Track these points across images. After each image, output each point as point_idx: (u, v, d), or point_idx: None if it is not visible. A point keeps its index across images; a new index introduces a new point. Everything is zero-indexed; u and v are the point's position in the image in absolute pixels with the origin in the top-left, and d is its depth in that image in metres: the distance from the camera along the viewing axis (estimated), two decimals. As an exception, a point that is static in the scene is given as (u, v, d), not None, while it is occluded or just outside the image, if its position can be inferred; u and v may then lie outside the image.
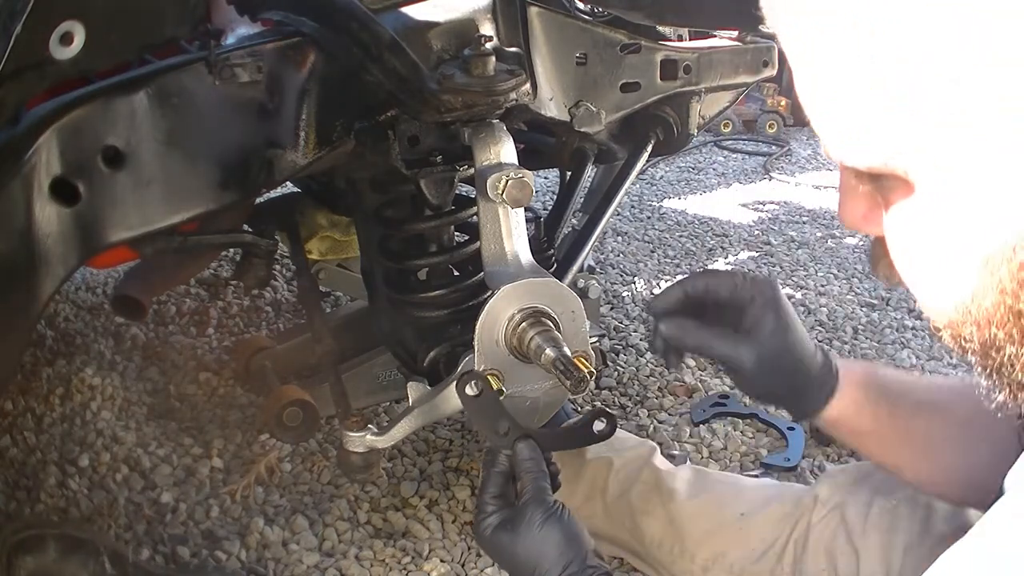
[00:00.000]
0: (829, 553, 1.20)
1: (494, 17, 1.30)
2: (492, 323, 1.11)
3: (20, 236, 0.95)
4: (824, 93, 0.55)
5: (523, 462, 1.04)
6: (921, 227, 0.56)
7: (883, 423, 1.04)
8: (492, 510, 1.02)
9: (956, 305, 0.57)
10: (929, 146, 0.51)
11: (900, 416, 1.05)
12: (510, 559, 0.99)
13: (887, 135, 0.52)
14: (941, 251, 0.56)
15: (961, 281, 0.56)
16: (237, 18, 1.18)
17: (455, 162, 1.24)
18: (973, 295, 0.55)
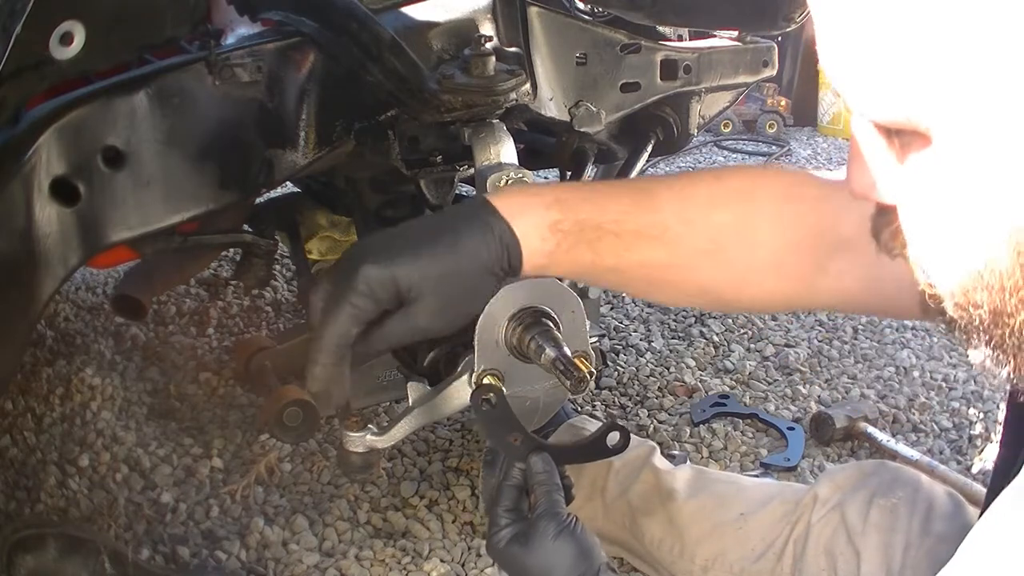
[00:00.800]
0: (829, 553, 1.20)
1: (494, 17, 1.30)
2: (492, 323, 1.11)
3: (20, 236, 0.95)
4: (850, 45, 0.54)
5: (537, 475, 1.03)
6: (939, 187, 0.55)
7: (591, 265, 0.95)
8: (505, 523, 1.01)
9: (970, 270, 0.56)
10: (954, 102, 0.50)
11: (607, 251, 0.94)
12: (522, 572, 0.98)
13: (913, 88, 0.52)
14: (958, 212, 0.55)
15: (977, 243, 0.54)
16: (237, 18, 1.18)
17: (455, 162, 1.24)
18: (988, 259, 0.54)
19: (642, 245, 0.94)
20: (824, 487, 1.27)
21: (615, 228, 0.93)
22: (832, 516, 1.22)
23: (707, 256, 0.94)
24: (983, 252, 0.54)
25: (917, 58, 0.50)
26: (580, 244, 0.93)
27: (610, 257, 0.94)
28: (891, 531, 1.16)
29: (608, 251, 0.93)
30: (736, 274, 0.95)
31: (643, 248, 0.94)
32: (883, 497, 1.19)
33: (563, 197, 0.93)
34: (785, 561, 1.24)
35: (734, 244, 0.93)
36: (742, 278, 0.96)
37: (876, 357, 2.19)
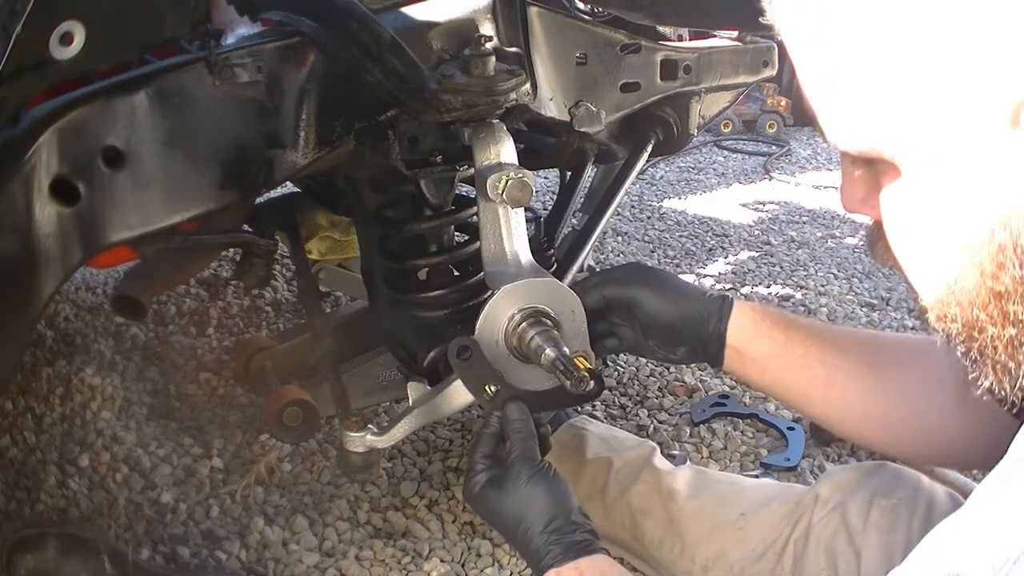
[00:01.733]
0: (830, 553, 1.19)
1: (494, 17, 1.30)
2: (492, 323, 1.12)
3: (20, 236, 0.95)
4: (820, 81, 0.61)
5: (512, 422, 1.06)
6: (909, 209, 0.61)
7: (781, 345, 1.09)
8: (481, 468, 1.04)
9: (942, 286, 0.60)
10: (912, 134, 0.56)
11: (797, 339, 1.10)
12: (497, 515, 1.01)
13: (875, 122, 0.58)
14: (927, 232, 0.60)
15: (946, 262, 0.59)
16: (237, 18, 1.18)
17: (455, 162, 1.23)
18: (956, 276, 0.59)
19: (829, 349, 1.08)
20: (825, 487, 1.26)
21: (812, 328, 1.12)
22: (833, 516, 1.22)
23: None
24: (952, 270, 0.59)
25: (879, 96, 0.57)
26: (779, 324, 1.10)
27: (799, 345, 1.08)
28: (892, 531, 1.16)
29: (799, 338, 1.09)
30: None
31: (829, 351, 1.08)
32: (884, 497, 1.19)
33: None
34: (785, 561, 1.24)
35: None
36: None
37: (876, 357, 2.19)
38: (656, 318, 1.13)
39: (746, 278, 2.68)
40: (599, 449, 1.49)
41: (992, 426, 0.99)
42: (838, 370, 1.09)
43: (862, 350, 1.11)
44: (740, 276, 2.70)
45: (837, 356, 1.10)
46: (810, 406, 1.14)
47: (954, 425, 1.05)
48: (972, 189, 0.56)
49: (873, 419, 1.10)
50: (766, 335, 1.10)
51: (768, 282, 2.66)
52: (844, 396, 1.09)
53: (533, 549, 0.97)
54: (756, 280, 2.67)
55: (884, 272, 2.77)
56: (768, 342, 1.10)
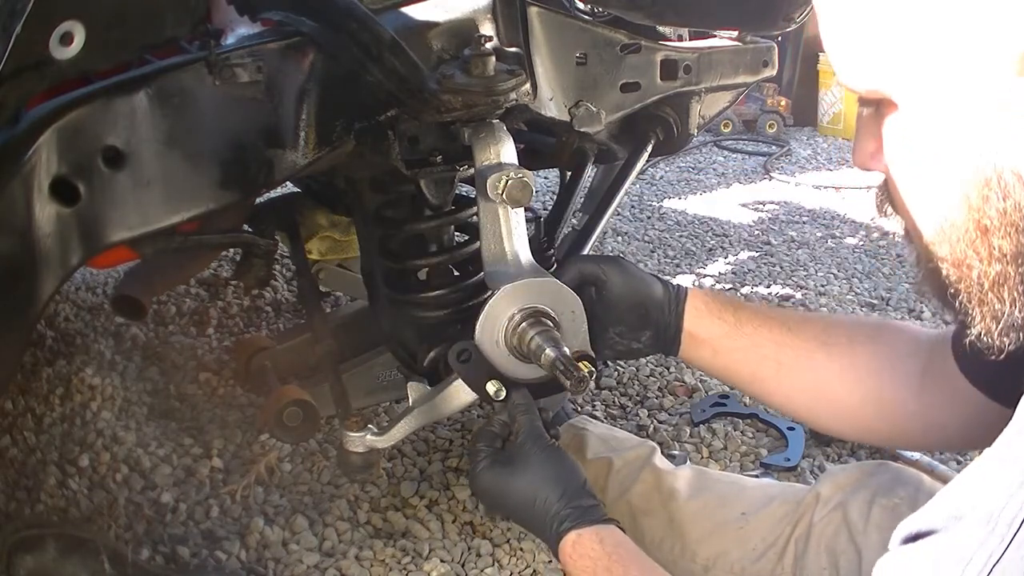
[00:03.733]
0: (831, 552, 1.19)
1: (494, 17, 1.30)
2: (492, 323, 1.12)
3: (20, 236, 0.95)
4: (835, 20, 0.66)
5: (517, 406, 1.08)
6: (905, 143, 0.66)
7: (731, 325, 1.12)
8: (486, 452, 1.05)
9: (935, 225, 0.65)
10: (909, 73, 0.62)
11: (747, 319, 1.13)
12: (508, 493, 1.01)
13: (878, 62, 0.64)
14: (923, 165, 0.65)
15: (939, 196, 0.64)
16: (237, 18, 1.18)
17: (455, 162, 1.23)
18: (947, 212, 0.64)
19: (778, 329, 1.11)
20: (826, 487, 1.26)
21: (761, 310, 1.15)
22: (834, 515, 1.22)
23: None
24: (942, 207, 0.64)
25: (887, 34, 0.63)
26: (728, 306, 1.12)
27: (748, 325, 1.11)
28: (893, 530, 1.16)
29: (747, 319, 1.11)
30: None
31: (778, 331, 1.10)
32: (885, 496, 1.19)
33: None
34: (786, 560, 1.24)
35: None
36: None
37: (876, 357, 2.19)
38: (625, 298, 1.15)
39: (746, 278, 2.68)
40: (599, 449, 1.49)
41: (956, 409, 1.01)
42: (787, 347, 1.11)
43: (812, 330, 1.13)
44: (740, 276, 2.70)
45: (787, 335, 1.12)
46: (762, 388, 1.16)
47: (913, 406, 1.06)
48: (966, 126, 0.61)
49: (825, 399, 1.12)
50: (716, 316, 1.13)
51: (768, 282, 2.66)
52: (794, 376, 1.11)
53: (551, 517, 0.98)
54: (756, 280, 2.67)
55: (884, 272, 2.78)
56: (719, 323, 1.13)
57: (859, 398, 1.11)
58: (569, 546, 0.96)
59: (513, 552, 1.48)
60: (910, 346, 1.10)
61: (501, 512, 1.07)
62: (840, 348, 1.10)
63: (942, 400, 1.03)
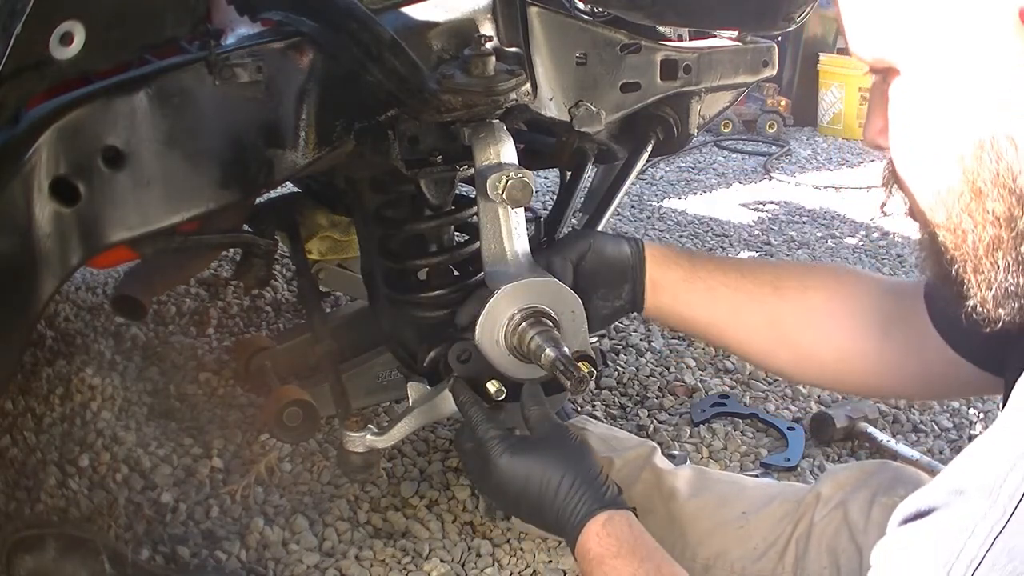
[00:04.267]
0: (831, 551, 1.19)
1: (494, 17, 1.30)
2: (492, 323, 1.12)
3: (20, 236, 0.95)
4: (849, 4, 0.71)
5: (528, 399, 1.09)
6: (906, 108, 0.69)
7: (687, 271, 1.16)
8: (498, 437, 1.05)
9: (932, 189, 0.68)
10: (911, 38, 0.66)
11: (701, 266, 1.16)
12: (530, 477, 1.00)
13: (883, 29, 0.68)
14: (922, 129, 0.68)
15: (934, 160, 0.67)
16: (237, 18, 1.18)
17: (455, 162, 1.23)
18: (943, 176, 0.66)
19: (732, 273, 1.14)
20: (826, 486, 1.27)
21: (716, 258, 1.20)
22: (835, 515, 1.22)
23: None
24: (939, 172, 0.66)
25: (885, 8, 0.68)
26: (684, 254, 1.16)
27: (703, 270, 1.14)
28: None
29: (702, 265, 1.14)
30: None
31: (732, 276, 1.14)
32: (885, 495, 1.19)
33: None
34: (787, 560, 1.24)
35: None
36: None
37: (876, 357, 2.19)
38: (604, 260, 1.18)
39: (746, 278, 2.68)
40: (600, 449, 1.48)
41: (920, 360, 1.02)
42: (740, 291, 1.14)
43: (765, 275, 1.15)
44: (740, 276, 2.70)
45: (740, 280, 1.14)
46: (719, 332, 1.18)
47: (873, 354, 1.08)
48: (962, 89, 0.64)
49: (779, 341, 1.13)
50: (673, 262, 1.17)
51: (768, 282, 2.66)
52: (748, 318, 1.13)
53: (580, 498, 0.97)
54: (756, 280, 2.67)
55: (884, 272, 2.78)
56: (676, 268, 1.16)
57: (811, 340, 1.12)
58: (599, 525, 0.96)
59: (513, 552, 1.48)
60: (872, 292, 1.11)
61: (511, 501, 1.05)
62: (792, 291, 1.12)
63: (906, 350, 1.04)
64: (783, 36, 2.04)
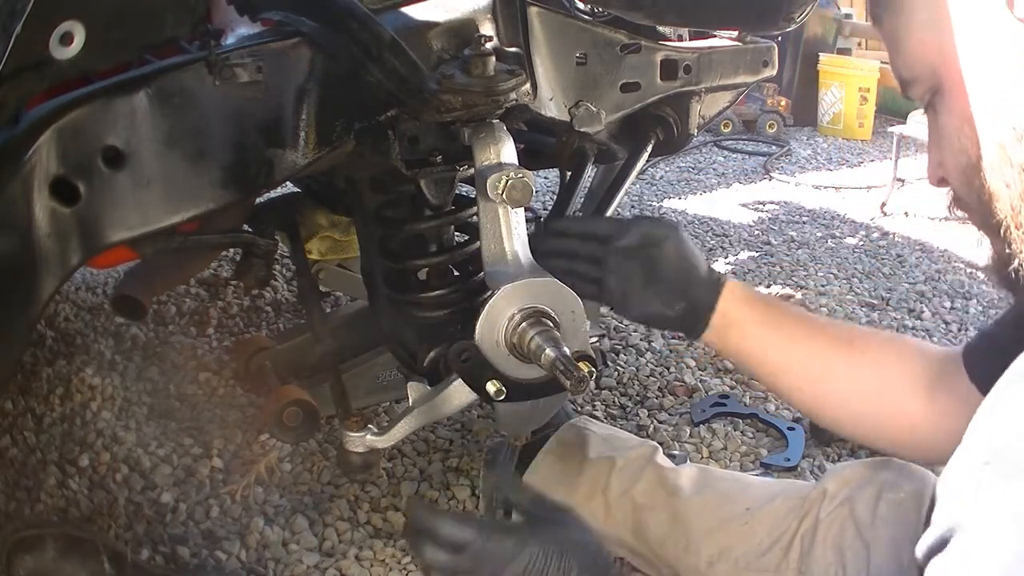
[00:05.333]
0: (838, 548, 1.19)
1: (494, 17, 1.30)
2: (492, 323, 1.12)
3: (20, 236, 0.95)
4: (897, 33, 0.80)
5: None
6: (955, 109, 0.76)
7: (765, 314, 1.18)
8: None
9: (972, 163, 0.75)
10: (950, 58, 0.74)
11: (781, 312, 1.19)
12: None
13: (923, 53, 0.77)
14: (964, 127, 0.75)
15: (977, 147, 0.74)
16: (237, 18, 1.18)
17: (455, 162, 1.23)
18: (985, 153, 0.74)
19: (804, 325, 1.18)
20: (832, 482, 1.27)
21: (793, 308, 1.26)
22: (841, 511, 1.22)
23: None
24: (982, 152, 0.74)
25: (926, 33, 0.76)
26: (764, 298, 1.20)
27: (782, 317, 1.18)
28: (900, 524, 1.17)
29: (782, 311, 1.19)
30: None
31: (804, 327, 1.18)
32: (891, 491, 1.20)
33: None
34: (792, 556, 1.24)
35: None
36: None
37: (876, 357, 2.19)
38: (673, 264, 1.18)
39: (746, 278, 2.68)
40: (601, 449, 1.49)
41: (964, 421, 1.02)
42: (807, 343, 1.16)
43: (835, 331, 1.20)
44: (740, 276, 2.70)
45: (811, 332, 1.18)
46: (775, 377, 1.20)
47: (919, 415, 1.11)
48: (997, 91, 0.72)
49: (833, 396, 1.16)
50: (751, 303, 1.19)
51: (768, 282, 2.66)
52: (808, 370, 1.16)
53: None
54: (756, 280, 2.67)
55: (884, 272, 2.78)
56: (751, 310, 1.18)
57: (865, 398, 1.15)
58: None
59: (513, 552, 1.48)
60: (921, 356, 1.14)
61: None
62: (854, 350, 1.15)
63: (951, 411, 1.06)
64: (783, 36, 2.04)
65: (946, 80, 0.75)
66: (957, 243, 3.03)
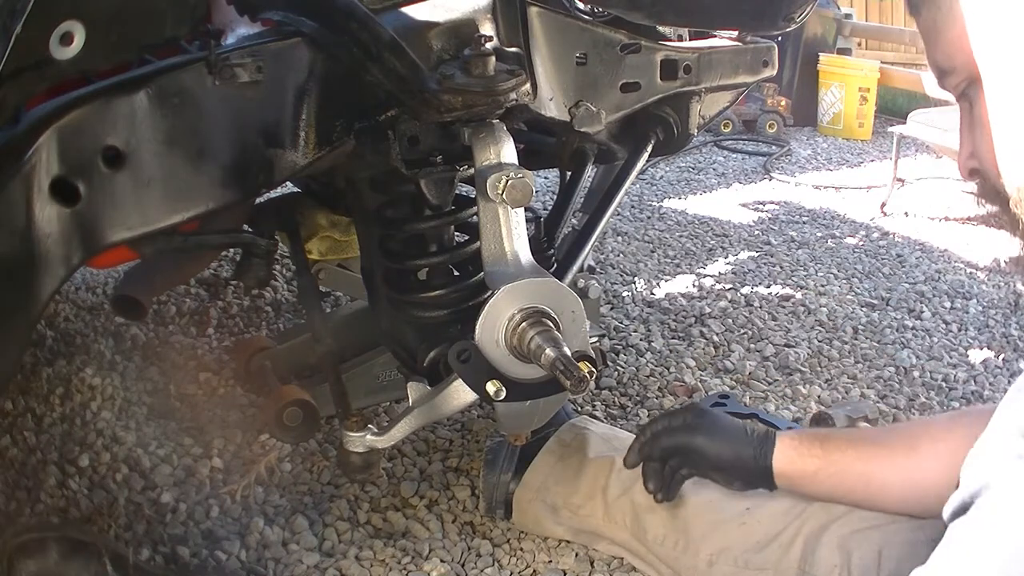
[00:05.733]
0: (843, 548, 1.19)
1: (494, 17, 1.30)
2: (492, 323, 1.12)
3: (20, 236, 0.95)
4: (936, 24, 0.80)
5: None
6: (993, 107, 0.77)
7: (821, 459, 1.24)
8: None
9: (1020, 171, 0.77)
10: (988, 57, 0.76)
11: (834, 448, 1.24)
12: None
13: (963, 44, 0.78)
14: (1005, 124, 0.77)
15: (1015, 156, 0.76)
16: (237, 18, 1.18)
17: (455, 162, 1.23)
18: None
19: (865, 447, 1.24)
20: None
21: (848, 436, 1.32)
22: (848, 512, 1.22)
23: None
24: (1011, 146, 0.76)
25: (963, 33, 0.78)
26: (815, 443, 1.26)
27: (836, 453, 1.24)
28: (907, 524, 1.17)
29: (835, 448, 1.24)
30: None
31: (865, 449, 1.23)
32: None
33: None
34: (793, 554, 1.23)
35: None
36: None
37: (876, 357, 2.19)
38: (712, 461, 1.30)
39: (746, 278, 2.68)
40: (601, 448, 1.49)
41: None
42: (875, 460, 1.21)
43: (896, 437, 1.25)
44: (740, 276, 2.70)
45: (874, 449, 1.22)
46: (855, 500, 1.24)
47: None
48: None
49: (914, 494, 1.17)
50: (807, 456, 1.25)
51: (768, 282, 2.66)
52: (885, 482, 1.20)
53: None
54: (756, 280, 2.67)
55: (884, 272, 2.78)
56: (810, 460, 1.24)
57: (947, 484, 1.12)
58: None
59: (513, 552, 1.48)
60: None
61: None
62: (923, 449, 1.17)
63: None
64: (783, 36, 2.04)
65: (985, 71, 0.76)
66: (957, 243, 3.03)
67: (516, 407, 1.17)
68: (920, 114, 3.45)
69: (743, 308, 2.42)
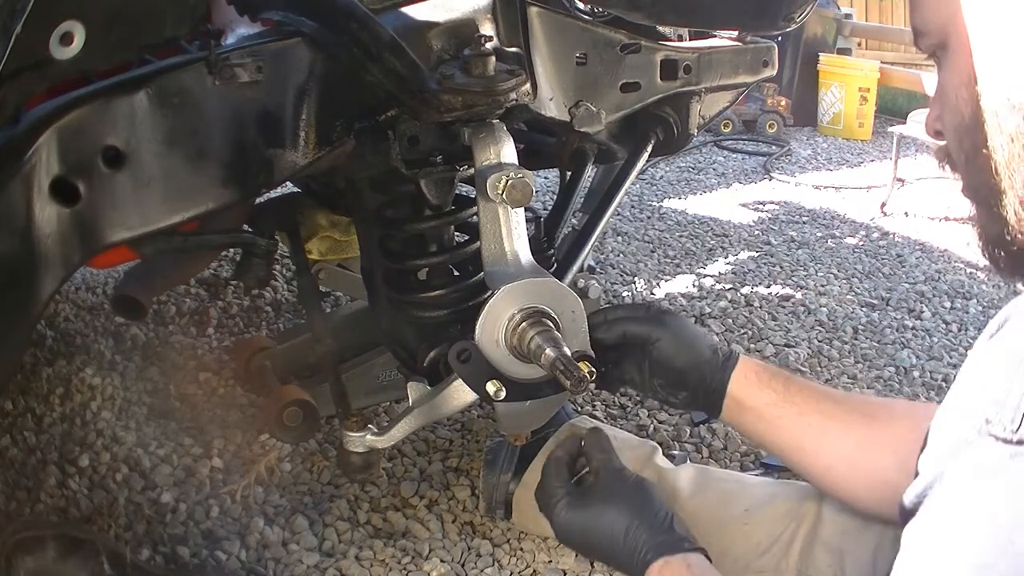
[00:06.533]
0: (837, 550, 1.19)
1: (494, 17, 1.30)
2: (492, 323, 1.12)
3: (20, 236, 0.95)
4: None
5: (593, 445, 1.13)
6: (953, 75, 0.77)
7: (780, 395, 1.16)
8: (564, 492, 1.09)
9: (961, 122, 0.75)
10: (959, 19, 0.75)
11: (796, 390, 1.17)
12: (595, 530, 1.05)
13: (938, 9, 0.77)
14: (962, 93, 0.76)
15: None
16: (237, 18, 1.18)
17: (455, 162, 1.23)
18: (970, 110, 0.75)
19: (825, 400, 1.16)
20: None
21: (811, 384, 1.21)
22: (840, 511, 1.22)
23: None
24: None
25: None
26: (778, 377, 1.18)
27: (797, 395, 1.16)
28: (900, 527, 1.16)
29: (797, 390, 1.17)
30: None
31: (824, 402, 1.16)
32: None
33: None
34: (791, 557, 1.23)
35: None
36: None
37: (876, 357, 2.19)
38: (668, 361, 1.20)
39: (746, 278, 2.68)
40: (600, 449, 1.48)
41: None
42: (832, 418, 1.14)
43: (856, 403, 1.18)
44: (740, 276, 2.70)
45: (834, 407, 1.15)
46: (802, 456, 1.18)
47: None
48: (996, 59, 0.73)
49: (862, 470, 1.13)
50: (766, 385, 1.17)
51: (768, 282, 2.66)
52: (836, 444, 1.14)
53: (640, 546, 1.00)
54: (756, 280, 2.67)
55: (884, 272, 2.78)
56: (768, 392, 1.17)
57: (897, 472, 1.07)
58: (655, 571, 0.99)
59: (513, 552, 1.48)
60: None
61: (582, 548, 1.11)
62: (881, 422, 1.13)
63: None
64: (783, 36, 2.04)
65: (952, 38, 0.77)
66: (957, 243, 3.04)
67: (516, 407, 1.17)
68: (920, 114, 3.44)
69: (743, 308, 2.43)
